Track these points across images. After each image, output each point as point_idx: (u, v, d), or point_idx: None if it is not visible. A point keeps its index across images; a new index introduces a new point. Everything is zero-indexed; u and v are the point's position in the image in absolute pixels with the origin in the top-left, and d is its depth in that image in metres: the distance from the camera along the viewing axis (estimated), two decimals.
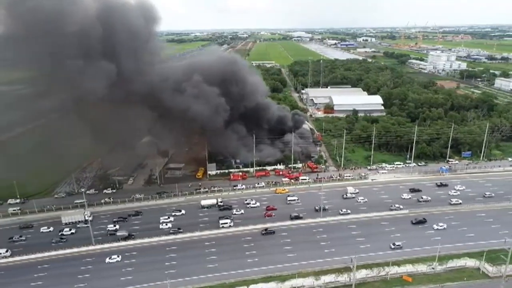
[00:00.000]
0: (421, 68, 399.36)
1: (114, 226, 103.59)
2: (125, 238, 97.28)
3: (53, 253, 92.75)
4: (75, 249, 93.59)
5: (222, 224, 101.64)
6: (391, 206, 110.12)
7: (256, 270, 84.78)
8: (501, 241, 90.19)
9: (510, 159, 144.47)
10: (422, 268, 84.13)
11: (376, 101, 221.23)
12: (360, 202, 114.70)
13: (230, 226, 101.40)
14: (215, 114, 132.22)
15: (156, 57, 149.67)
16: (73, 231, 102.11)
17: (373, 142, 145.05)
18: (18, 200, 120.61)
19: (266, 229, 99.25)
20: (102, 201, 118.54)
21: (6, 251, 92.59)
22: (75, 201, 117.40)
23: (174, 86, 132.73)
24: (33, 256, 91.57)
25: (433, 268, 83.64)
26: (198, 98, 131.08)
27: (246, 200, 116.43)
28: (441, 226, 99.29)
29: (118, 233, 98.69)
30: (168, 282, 77.55)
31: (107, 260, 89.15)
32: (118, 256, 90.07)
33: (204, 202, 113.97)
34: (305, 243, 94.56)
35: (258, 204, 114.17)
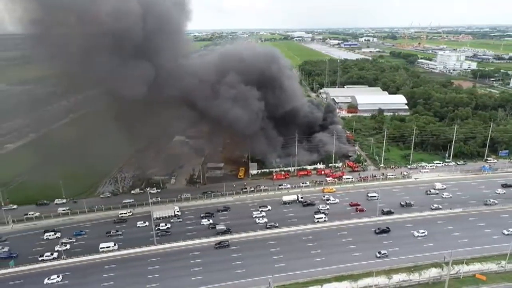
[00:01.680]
0: (432, 68, 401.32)
1: (208, 220, 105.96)
2: (223, 232, 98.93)
3: (160, 246, 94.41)
4: (182, 243, 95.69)
5: (317, 218, 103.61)
6: (486, 200, 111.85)
7: (363, 265, 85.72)
8: None
9: None
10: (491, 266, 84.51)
11: (399, 100, 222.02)
12: (445, 197, 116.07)
13: (325, 220, 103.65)
14: (255, 119, 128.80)
15: (187, 55, 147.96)
16: (168, 225, 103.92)
17: (413, 141, 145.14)
18: (64, 200, 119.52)
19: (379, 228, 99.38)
20: (182, 196, 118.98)
21: (114, 245, 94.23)
22: (123, 201, 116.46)
23: (209, 86, 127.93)
24: (139, 249, 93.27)
25: (502, 267, 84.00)
26: (236, 101, 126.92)
27: (324, 196, 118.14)
28: None
29: (218, 227, 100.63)
30: (271, 278, 76.34)
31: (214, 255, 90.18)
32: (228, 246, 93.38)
33: (285, 198, 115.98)
34: (403, 238, 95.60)
35: (337, 200, 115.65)
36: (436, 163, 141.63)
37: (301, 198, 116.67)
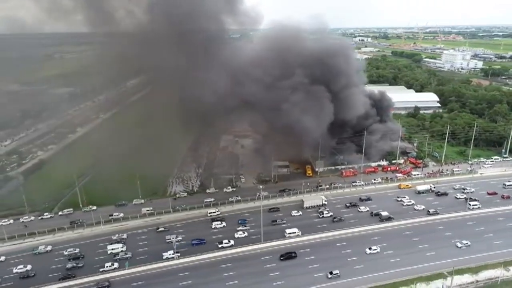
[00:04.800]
0: (439, 67, 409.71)
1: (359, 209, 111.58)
2: (387, 219, 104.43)
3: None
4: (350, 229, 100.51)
5: (472, 205, 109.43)
6: None
7: None
8: None
9: None
10: None
11: (431, 98, 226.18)
12: None
13: (479, 207, 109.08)
14: (325, 124, 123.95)
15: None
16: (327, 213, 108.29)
17: (472, 138, 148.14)
18: (142, 201, 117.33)
19: None
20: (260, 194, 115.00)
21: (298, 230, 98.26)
22: (205, 200, 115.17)
23: (272, 88, 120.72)
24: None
25: None
26: (306, 105, 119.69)
27: (458, 186, 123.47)
28: None
29: (383, 213, 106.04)
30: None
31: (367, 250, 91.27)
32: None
33: (420, 188, 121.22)
34: None
35: (473, 189, 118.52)
36: (495, 159, 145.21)
37: (434, 187, 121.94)
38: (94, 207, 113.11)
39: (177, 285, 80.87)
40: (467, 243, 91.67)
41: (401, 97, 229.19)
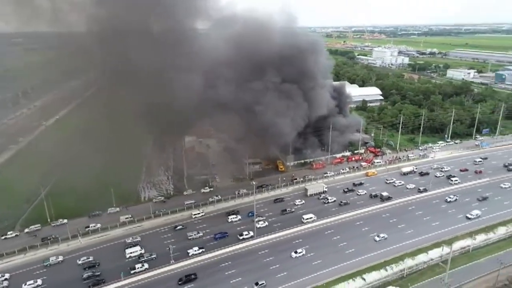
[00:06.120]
0: (372, 63, 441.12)
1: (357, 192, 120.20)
2: (387, 199, 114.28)
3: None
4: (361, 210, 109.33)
5: (454, 181, 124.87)
6: None
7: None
8: None
9: None
10: None
11: (375, 92, 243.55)
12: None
13: (459, 182, 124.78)
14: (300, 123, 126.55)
15: None
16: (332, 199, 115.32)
17: (421, 126, 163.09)
18: (118, 209, 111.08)
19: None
20: (240, 192, 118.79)
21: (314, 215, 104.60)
22: (185, 202, 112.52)
23: (239, 87, 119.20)
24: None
25: None
26: (280, 105, 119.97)
27: (434, 166, 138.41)
28: None
29: (384, 193, 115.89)
30: None
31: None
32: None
33: (404, 170, 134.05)
34: None
35: (449, 168, 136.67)
36: (440, 143, 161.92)
37: (416, 168, 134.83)
38: (65, 220, 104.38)
39: None
40: (476, 214, 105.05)
41: (348, 92, 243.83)
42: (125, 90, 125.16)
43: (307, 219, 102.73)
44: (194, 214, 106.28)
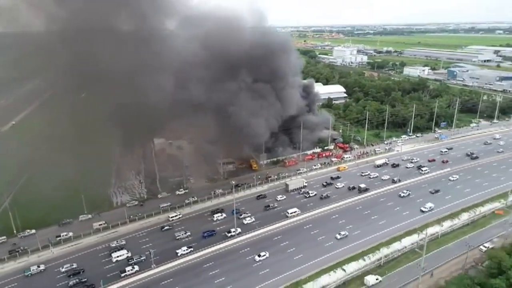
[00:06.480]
0: (333, 62, 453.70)
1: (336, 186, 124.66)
2: (364, 190, 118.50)
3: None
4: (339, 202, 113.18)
5: (424, 171, 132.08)
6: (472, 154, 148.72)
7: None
8: None
9: (471, 125, 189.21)
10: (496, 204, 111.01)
11: (339, 89, 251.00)
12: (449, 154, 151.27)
13: (428, 172, 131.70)
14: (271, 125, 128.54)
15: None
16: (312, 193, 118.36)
17: (386, 121, 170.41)
18: (90, 216, 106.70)
19: None
20: (216, 192, 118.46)
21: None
22: (161, 205, 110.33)
23: (211, 88, 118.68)
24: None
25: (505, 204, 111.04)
26: (254, 105, 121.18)
27: (404, 158, 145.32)
28: None
29: (361, 185, 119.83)
30: None
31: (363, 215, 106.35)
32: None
33: (378, 162, 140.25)
34: None
35: (418, 159, 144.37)
36: (403, 137, 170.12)
37: (388, 161, 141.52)
38: (33, 231, 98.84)
39: None
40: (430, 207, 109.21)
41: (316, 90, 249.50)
42: (90, 91, 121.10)
43: (292, 213, 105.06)
44: (171, 217, 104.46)
